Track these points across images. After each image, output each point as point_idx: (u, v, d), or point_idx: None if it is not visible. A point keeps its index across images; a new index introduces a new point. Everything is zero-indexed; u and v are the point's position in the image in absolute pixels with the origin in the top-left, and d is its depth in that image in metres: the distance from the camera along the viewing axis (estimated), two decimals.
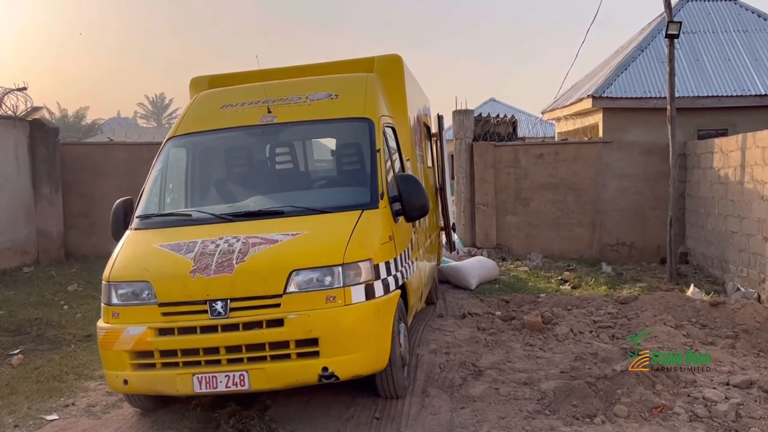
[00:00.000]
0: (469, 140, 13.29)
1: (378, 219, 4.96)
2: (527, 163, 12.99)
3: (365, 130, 5.41)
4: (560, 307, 7.55)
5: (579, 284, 10.38)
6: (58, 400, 5.61)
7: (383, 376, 4.80)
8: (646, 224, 12.46)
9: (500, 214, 13.11)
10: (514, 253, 12.97)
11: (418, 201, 5.16)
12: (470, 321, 7.44)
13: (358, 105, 5.67)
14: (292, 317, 4.30)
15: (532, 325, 6.71)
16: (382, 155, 5.31)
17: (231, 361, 4.39)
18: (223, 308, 4.37)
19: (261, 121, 5.62)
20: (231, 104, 5.91)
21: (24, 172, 12.70)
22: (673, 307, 6.97)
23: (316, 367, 4.30)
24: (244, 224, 4.87)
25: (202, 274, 4.41)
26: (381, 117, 5.66)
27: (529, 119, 24.41)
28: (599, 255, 12.69)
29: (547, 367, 5.58)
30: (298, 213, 4.92)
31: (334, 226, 4.76)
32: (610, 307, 7.25)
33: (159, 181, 5.59)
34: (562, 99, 15.41)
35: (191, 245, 4.65)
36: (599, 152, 12.60)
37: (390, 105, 6.34)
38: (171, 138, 5.81)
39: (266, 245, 4.53)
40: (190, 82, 6.84)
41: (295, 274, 4.38)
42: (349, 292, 4.40)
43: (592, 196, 12.67)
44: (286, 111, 5.69)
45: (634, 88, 12.53)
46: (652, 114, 12.01)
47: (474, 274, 10.08)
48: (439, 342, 6.41)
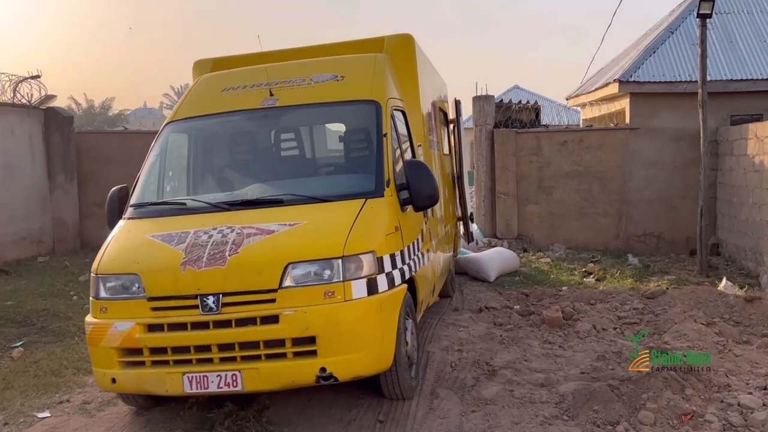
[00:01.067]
0: (490, 127, 12.86)
1: (383, 208, 4.62)
2: (550, 151, 12.54)
3: (371, 113, 5.07)
4: (582, 301, 7.16)
5: (603, 277, 9.95)
6: (53, 396, 5.40)
7: (388, 376, 4.48)
8: (674, 214, 11.96)
9: (522, 203, 12.69)
10: (535, 244, 12.55)
11: (428, 189, 4.81)
12: (487, 315, 7.08)
13: (364, 87, 5.32)
14: (287, 314, 3.99)
15: (551, 321, 6.33)
16: (389, 140, 4.97)
17: (223, 359, 4.10)
18: (214, 303, 4.08)
19: (262, 104, 5.31)
20: (232, 87, 5.62)
21: (39, 161, 12.59)
22: (703, 302, 6.53)
23: (314, 368, 3.99)
24: (241, 213, 4.57)
25: (193, 267, 4.12)
26: (389, 100, 5.31)
27: (554, 106, 23.82)
28: (625, 246, 12.23)
29: (567, 367, 5.21)
30: (297, 202, 4.61)
31: (334, 215, 4.43)
32: (636, 302, 6.84)
33: (155, 168, 5.31)
34: (587, 84, 14.87)
35: (183, 236, 4.36)
36: (626, 139, 12.11)
37: (400, 88, 5.98)
38: (169, 123, 5.53)
39: (261, 236, 4.22)
40: (194, 65, 6.55)
41: (291, 268, 4.07)
42: (349, 287, 4.07)
43: (618, 185, 12.20)
44: (289, 94, 5.37)
45: (663, 72, 12.00)
46: (682, 99, 11.48)
47: (493, 266, 9.70)
48: (452, 338, 6.06)
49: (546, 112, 19.71)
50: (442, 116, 9.13)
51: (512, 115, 13.13)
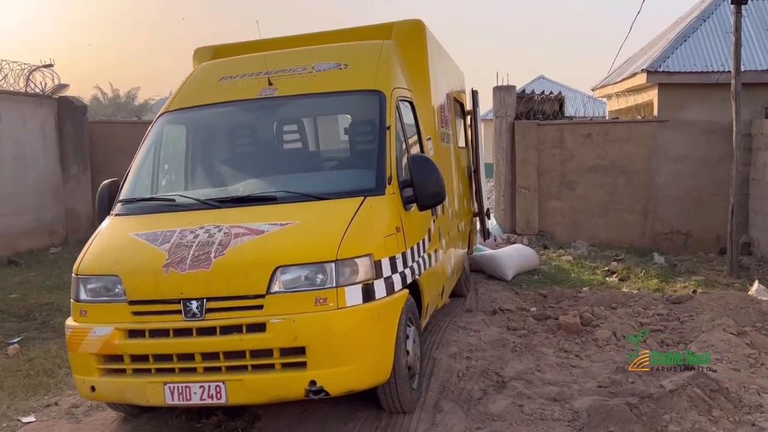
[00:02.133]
0: (511, 119, 12.42)
1: (383, 207, 4.28)
2: (574, 144, 12.07)
3: (374, 104, 4.72)
4: (603, 305, 6.74)
5: (627, 276, 9.51)
6: (41, 399, 5.17)
7: (386, 388, 4.15)
8: (704, 211, 11.45)
9: (543, 198, 12.25)
10: (557, 241, 12.11)
11: (433, 186, 4.46)
12: (500, 318, 6.70)
13: (368, 76, 4.97)
14: (275, 322, 3.68)
15: (568, 326, 5.94)
16: (393, 133, 4.62)
17: (208, 369, 3.81)
18: (198, 309, 3.78)
19: (260, 94, 4.99)
20: (230, 76, 5.31)
21: (51, 151, 12.47)
22: (734, 309, 6.08)
23: (303, 381, 3.68)
24: (231, 211, 4.27)
25: (176, 269, 3.83)
26: (395, 90, 4.95)
27: (580, 97, 23.15)
28: (651, 244, 11.75)
29: (583, 379, 4.84)
30: (291, 199, 4.28)
31: (330, 215, 4.10)
32: (661, 307, 6.40)
33: (147, 162, 5.04)
34: (614, 74, 14.32)
35: (168, 235, 4.07)
36: (653, 132, 11.60)
37: (410, 77, 5.62)
38: (163, 113, 5.24)
39: (250, 237, 3.91)
40: (194, 53, 6.26)
41: (280, 272, 3.75)
42: (342, 294, 3.74)
43: (645, 180, 11.71)
44: (288, 83, 5.05)
45: (694, 62, 11.44)
46: (714, 90, 10.96)
47: (510, 264, 9.31)
48: (461, 344, 5.71)
49: (571, 103, 19.14)
50: (459, 108, 8.75)
51: (534, 106, 12.66)
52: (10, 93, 11.42)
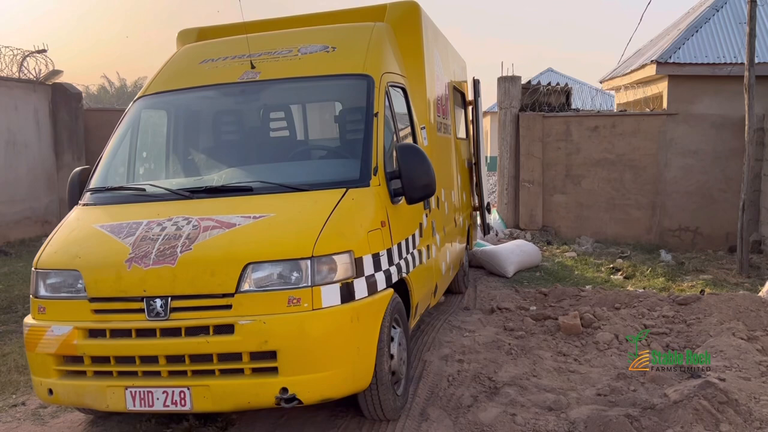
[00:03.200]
0: (515, 110, 12.07)
1: (367, 200, 3.97)
2: (580, 137, 11.72)
3: (361, 89, 4.41)
4: (605, 305, 6.42)
5: (633, 274, 9.19)
6: (9, 398, 4.91)
7: (367, 395, 3.86)
8: (713, 207, 11.13)
9: (547, 192, 11.92)
10: (561, 237, 11.79)
11: (422, 178, 4.14)
12: (497, 318, 6.39)
13: (357, 59, 4.65)
14: (243, 323, 3.38)
15: (568, 328, 5.62)
16: (381, 121, 4.30)
17: (172, 373, 3.52)
18: (162, 308, 3.49)
19: (241, 78, 4.69)
20: (211, 59, 5.00)
21: (45, 139, 12.21)
22: (744, 311, 5.75)
23: (273, 388, 3.38)
24: (203, 203, 3.97)
25: (139, 264, 3.53)
26: (385, 74, 4.64)
27: (589, 90, 22.66)
28: (658, 241, 11.43)
29: (581, 386, 4.52)
30: (268, 190, 3.97)
31: (307, 207, 3.79)
32: (666, 309, 6.07)
33: (120, 148, 4.74)
34: (623, 66, 13.92)
35: (134, 227, 3.77)
36: (662, 125, 11.24)
37: (403, 62, 5.31)
38: (139, 98, 4.94)
39: (220, 230, 3.61)
40: (178, 35, 5.94)
41: (251, 269, 3.45)
42: (318, 294, 3.44)
43: (653, 175, 11.37)
44: (272, 66, 4.74)
45: (706, 53, 11.05)
46: (726, 82, 10.62)
47: (512, 260, 9.00)
48: (454, 345, 5.40)
49: (580, 96, 18.70)
50: (459, 97, 8.42)
51: (540, 97, 12.30)
52: (2, 78, 11.17)
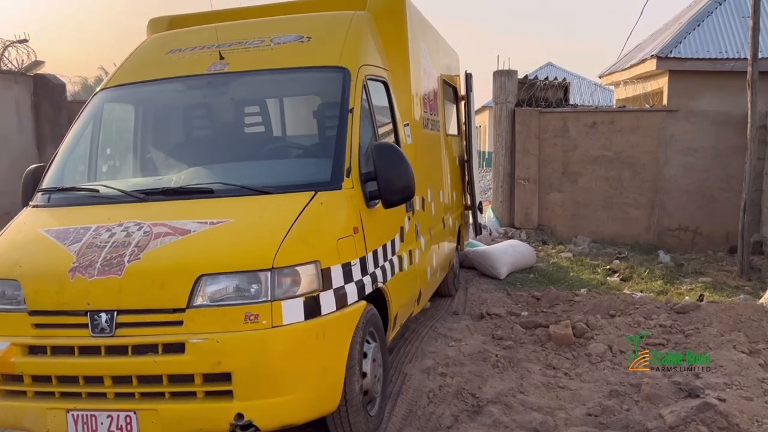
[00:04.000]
0: (511, 105, 11.72)
1: (338, 204, 3.64)
2: (577, 133, 11.40)
3: (336, 82, 4.07)
4: (600, 312, 6.10)
5: (630, 276, 8.89)
6: None
7: (336, 417, 3.54)
8: (714, 207, 10.85)
9: (543, 190, 11.59)
10: (557, 236, 11.47)
11: (400, 180, 3.82)
12: (486, 325, 6.08)
13: (333, 50, 4.31)
14: (194, 342, 3.06)
15: (559, 338, 5.30)
16: (357, 117, 3.97)
17: (119, 395, 3.20)
18: (107, 323, 3.17)
19: (208, 69, 4.35)
20: (179, 49, 4.66)
21: (27, 132, 11.86)
22: (745, 321, 5.43)
23: (228, 413, 3.06)
24: (158, 206, 3.64)
25: (83, 275, 3.21)
26: (363, 67, 4.30)
27: (588, 85, 22.29)
28: (657, 241, 11.13)
29: (571, 404, 4.21)
30: (229, 193, 3.64)
31: (270, 213, 3.47)
32: (664, 317, 5.75)
33: (79, 145, 4.41)
34: (622, 61, 13.59)
35: (81, 233, 3.45)
36: (662, 122, 10.92)
37: (386, 54, 4.97)
38: (101, 90, 4.61)
39: (173, 237, 3.28)
40: (148, 24, 5.59)
41: (204, 281, 3.13)
42: (278, 309, 3.12)
43: (652, 173, 11.06)
44: (242, 57, 4.40)
45: (708, 48, 10.74)
46: (729, 78, 10.31)
47: (505, 261, 8.68)
48: (438, 356, 5.08)
49: (581, 91, 18.33)
50: (451, 92, 8.09)
51: (537, 92, 11.95)
52: None
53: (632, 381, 4.50)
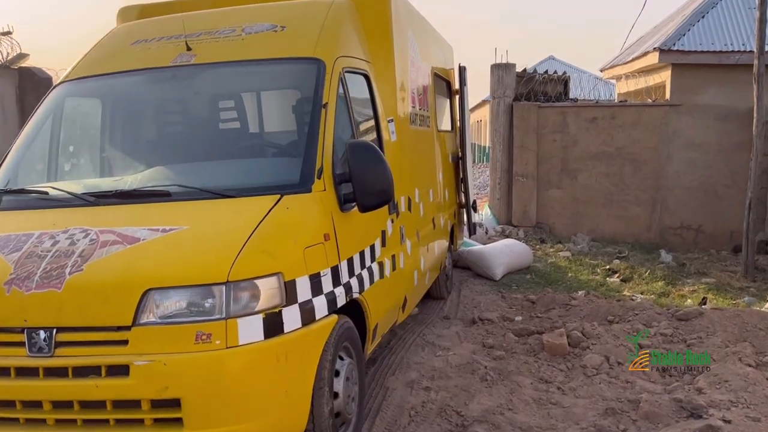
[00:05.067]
0: (509, 100, 11.38)
1: (306, 208, 3.32)
2: (577, 129, 11.07)
3: (310, 75, 3.74)
4: (597, 318, 5.79)
5: (630, 277, 8.58)
6: None
7: None
8: (718, 205, 10.55)
9: (542, 187, 11.26)
10: (556, 234, 11.15)
11: (377, 182, 3.50)
12: (477, 331, 5.76)
13: (308, 40, 3.99)
14: (139, 364, 2.74)
15: (553, 348, 4.99)
16: (331, 113, 3.65)
17: (60, 422, 2.89)
18: (46, 342, 2.85)
19: (173, 61, 4.02)
20: (145, 40, 4.34)
21: (11, 127, 11.50)
22: (751, 330, 5.11)
23: None
24: (108, 210, 3.32)
25: (20, 288, 2.89)
26: (340, 58, 3.97)
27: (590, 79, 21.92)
28: (658, 239, 10.82)
29: (563, 423, 3.89)
30: (188, 196, 3.32)
31: (230, 218, 3.15)
32: (665, 324, 5.43)
33: (35, 142, 4.10)
34: (624, 54, 13.23)
35: (23, 240, 3.13)
36: (665, 117, 10.59)
37: (369, 45, 4.64)
38: (60, 83, 4.29)
39: (120, 246, 2.96)
40: (118, 12, 5.26)
41: (152, 296, 2.81)
42: (234, 328, 2.80)
43: (654, 170, 10.74)
44: (210, 48, 4.07)
45: (713, 40, 10.40)
46: (734, 71, 10.01)
47: (500, 261, 8.36)
48: (423, 368, 4.77)
49: (582, 85, 17.98)
50: (444, 86, 7.76)
51: (536, 86, 11.60)
52: None
53: (630, 397, 4.19)
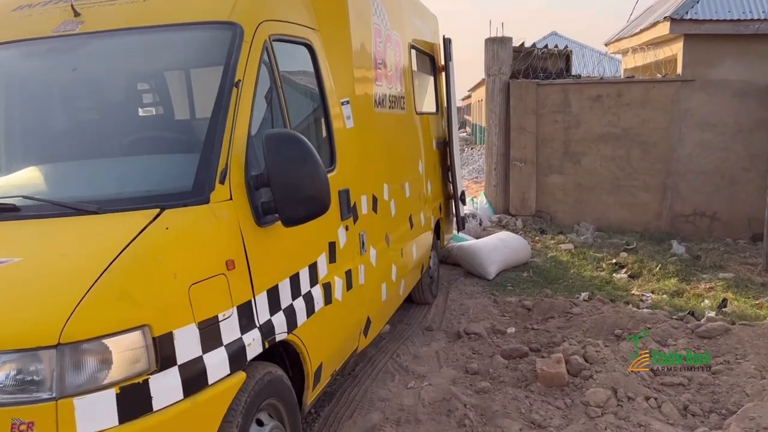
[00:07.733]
0: (505, 77, 10.42)
1: (198, 226, 2.42)
2: (580, 108, 10.14)
3: (220, 45, 2.83)
4: (602, 333, 4.91)
5: (639, 272, 7.72)
6: None
7: None
8: (735, 189, 9.70)
9: (542, 172, 10.36)
10: (557, 224, 10.26)
11: (304, 186, 2.59)
12: (462, 350, 4.89)
13: (223, 1, 3.07)
14: None
15: (549, 378, 4.10)
16: (247, 94, 2.74)
17: None
18: None
19: (55, 30, 3.13)
20: (28, 5, 3.44)
21: None
22: None
23: None
24: None
25: None
26: (266, 23, 3.05)
27: (595, 55, 20.90)
28: (670, 228, 9.96)
29: None
30: (39, 210, 2.43)
31: (81, 245, 2.25)
32: (683, 342, 4.54)
33: None
34: (631, 26, 12.23)
35: None
36: (676, 94, 9.65)
37: (318, 9, 3.73)
38: None
39: None
40: None
41: None
42: (68, 411, 1.92)
43: (664, 152, 9.84)
44: (103, 14, 3.17)
45: (729, 7, 9.47)
46: (752, 42, 9.13)
47: (494, 258, 7.48)
48: (389, 406, 3.89)
49: (586, 61, 17.00)
50: (428, 62, 6.84)
51: (534, 62, 10.63)
52: None
53: None
